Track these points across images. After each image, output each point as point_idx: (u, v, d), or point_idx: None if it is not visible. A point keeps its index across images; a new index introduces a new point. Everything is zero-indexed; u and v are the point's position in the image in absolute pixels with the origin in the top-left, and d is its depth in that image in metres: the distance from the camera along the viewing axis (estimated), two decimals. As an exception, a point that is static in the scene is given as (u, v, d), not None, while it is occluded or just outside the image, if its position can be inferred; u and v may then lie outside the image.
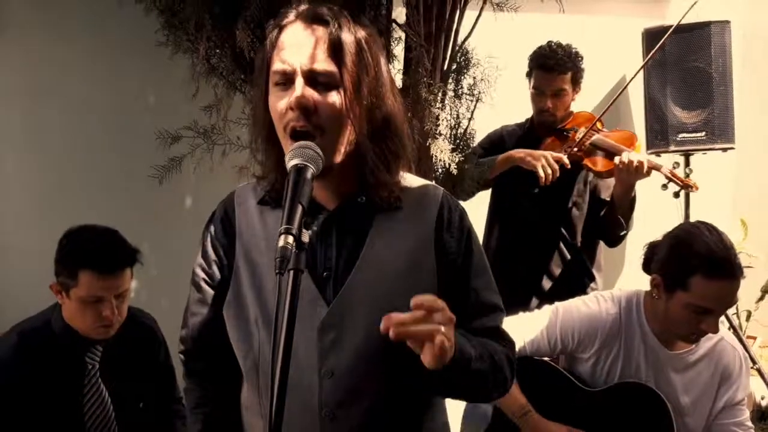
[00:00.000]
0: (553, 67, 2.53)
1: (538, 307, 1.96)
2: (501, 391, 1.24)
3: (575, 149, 2.51)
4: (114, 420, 1.90)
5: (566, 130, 2.61)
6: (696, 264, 1.64)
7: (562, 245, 2.65)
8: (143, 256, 1.86)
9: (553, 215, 2.63)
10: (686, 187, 2.51)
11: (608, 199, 2.59)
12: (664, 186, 2.55)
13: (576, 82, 2.60)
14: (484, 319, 1.23)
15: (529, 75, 2.64)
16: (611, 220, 2.55)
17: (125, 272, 1.81)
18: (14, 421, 1.78)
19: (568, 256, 2.65)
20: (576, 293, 2.01)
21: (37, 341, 1.82)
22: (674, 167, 2.51)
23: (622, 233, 2.57)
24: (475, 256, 1.23)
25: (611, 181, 2.56)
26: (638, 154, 2.42)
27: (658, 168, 2.44)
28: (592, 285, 2.68)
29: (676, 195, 2.64)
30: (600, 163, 2.52)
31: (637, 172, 2.36)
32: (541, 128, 2.66)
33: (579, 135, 2.55)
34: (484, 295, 1.24)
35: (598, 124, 2.59)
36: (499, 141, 2.73)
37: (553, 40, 2.60)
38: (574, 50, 2.59)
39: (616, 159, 2.41)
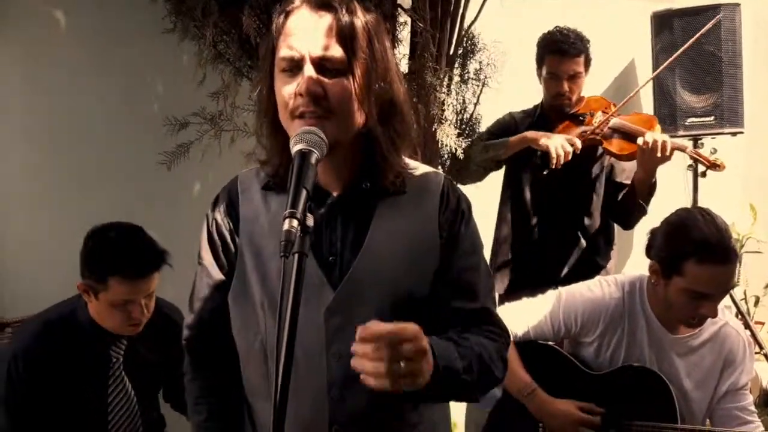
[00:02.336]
0: (568, 50, 2.49)
1: None
2: (491, 388, 1.24)
3: (593, 133, 2.47)
4: (138, 412, 1.88)
5: (581, 114, 2.57)
6: (689, 250, 1.66)
7: (579, 233, 2.62)
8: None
9: (573, 203, 2.60)
10: (713, 166, 2.43)
11: (625, 182, 2.55)
12: (690, 167, 2.51)
13: (587, 65, 2.56)
14: (464, 301, 1.21)
15: (540, 61, 2.58)
16: (631, 205, 2.51)
17: (155, 275, 1.77)
18: (37, 411, 1.75)
19: (584, 243, 2.62)
20: (591, 276, 1.99)
21: (62, 332, 1.79)
22: (698, 147, 2.45)
23: (641, 216, 2.53)
24: (462, 238, 1.21)
25: (627, 164, 2.52)
26: (661, 134, 2.36)
27: (683, 149, 2.39)
28: (607, 266, 2.65)
29: (703, 174, 2.66)
30: (620, 145, 2.46)
31: (662, 152, 2.29)
32: (554, 113, 2.61)
33: (596, 119, 2.50)
34: (467, 276, 1.21)
35: (612, 108, 2.53)
36: (509, 126, 2.68)
37: (560, 25, 2.56)
38: (581, 33, 2.55)
39: (639, 140, 2.33)
